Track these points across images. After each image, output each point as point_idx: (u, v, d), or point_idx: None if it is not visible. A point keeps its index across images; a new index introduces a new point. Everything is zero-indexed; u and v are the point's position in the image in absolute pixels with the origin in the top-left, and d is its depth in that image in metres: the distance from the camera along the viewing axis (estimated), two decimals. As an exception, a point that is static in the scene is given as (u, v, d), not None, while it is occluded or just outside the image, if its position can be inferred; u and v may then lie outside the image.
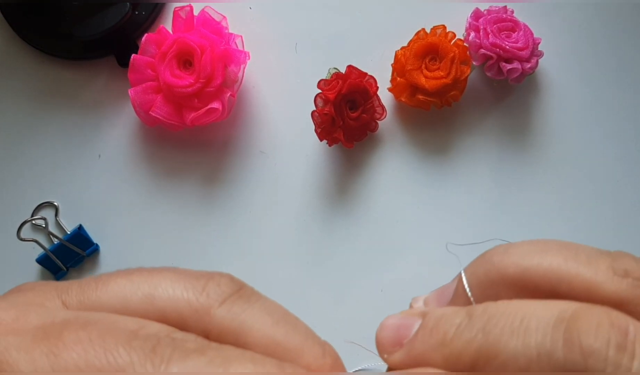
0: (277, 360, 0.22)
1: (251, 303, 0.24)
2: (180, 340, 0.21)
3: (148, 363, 0.20)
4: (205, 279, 0.23)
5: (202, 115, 0.42)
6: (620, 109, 0.46)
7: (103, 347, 0.21)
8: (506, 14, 0.44)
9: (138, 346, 0.21)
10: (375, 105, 0.44)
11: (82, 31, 0.44)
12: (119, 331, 0.21)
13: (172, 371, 0.20)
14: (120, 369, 0.20)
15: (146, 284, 0.23)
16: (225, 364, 0.21)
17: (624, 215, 0.45)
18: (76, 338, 0.21)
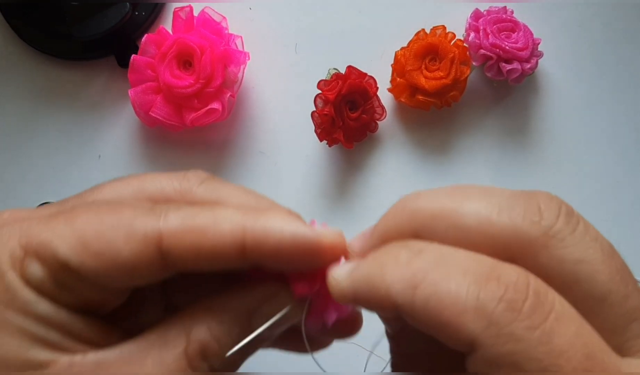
0: (256, 195, 0.27)
1: (225, 183, 0.28)
2: (173, 202, 0.26)
3: (150, 215, 0.24)
4: (184, 171, 0.28)
5: (202, 115, 0.42)
6: (619, 109, 0.46)
7: (111, 210, 0.25)
8: (506, 15, 0.45)
9: (139, 206, 0.25)
10: (375, 106, 0.44)
11: (81, 31, 0.44)
12: (121, 203, 0.25)
13: (170, 218, 0.24)
14: (128, 223, 0.24)
15: (135, 181, 0.27)
16: (211, 209, 0.25)
17: (624, 214, 0.45)
18: (87, 208, 0.25)
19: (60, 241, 0.24)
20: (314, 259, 0.25)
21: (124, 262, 0.24)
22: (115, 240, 0.24)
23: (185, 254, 0.24)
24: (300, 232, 0.25)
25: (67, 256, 0.24)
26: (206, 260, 0.25)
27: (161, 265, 0.24)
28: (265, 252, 0.24)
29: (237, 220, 0.25)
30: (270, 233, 0.24)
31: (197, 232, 0.24)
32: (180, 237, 0.24)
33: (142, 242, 0.24)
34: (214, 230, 0.24)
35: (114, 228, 0.24)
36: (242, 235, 0.24)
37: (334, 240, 0.25)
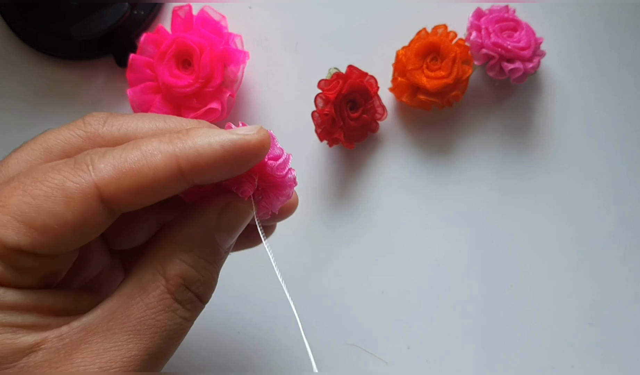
0: (171, 132, 0.27)
1: (126, 116, 0.29)
2: (90, 151, 0.26)
3: (79, 171, 0.25)
4: (81, 118, 0.29)
5: (201, 115, 0.42)
6: (622, 108, 0.46)
7: (36, 181, 0.25)
8: (508, 14, 0.44)
9: (62, 167, 0.25)
10: (376, 106, 0.43)
11: (80, 31, 0.44)
12: (40, 169, 0.25)
13: (100, 167, 0.25)
14: (61, 186, 0.24)
15: (38, 144, 0.28)
16: (136, 146, 0.25)
17: (627, 215, 0.45)
18: (11, 188, 0.25)
19: (3, 230, 0.24)
20: (247, 160, 0.26)
21: (72, 225, 0.24)
22: (56, 208, 0.24)
23: (127, 197, 0.25)
24: (227, 140, 0.26)
25: (16, 241, 0.24)
26: (148, 196, 0.25)
27: (106, 214, 0.25)
28: (202, 170, 0.25)
29: (166, 149, 0.25)
30: (201, 151, 0.25)
31: (131, 173, 0.25)
32: (117, 183, 0.25)
33: (82, 200, 0.24)
34: (147, 166, 0.25)
35: (48, 197, 0.24)
36: (176, 162, 0.25)
37: (260, 137, 0.26)
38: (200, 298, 0.27)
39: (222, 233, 0.28)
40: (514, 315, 0.43)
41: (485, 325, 0.43)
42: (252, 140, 0.26)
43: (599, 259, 0.44)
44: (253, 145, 0.26)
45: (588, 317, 0.43)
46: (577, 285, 0.44)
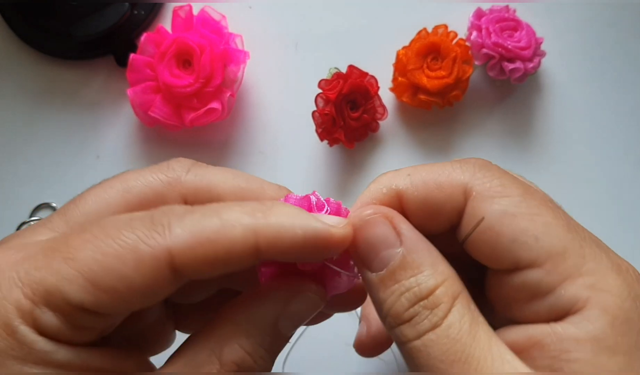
0: (254, 201, 0.26)
1: (210, 167, 0.28)
2: (169, 209, 0.25)
3: (153, 233, 0.23)
4: (166, 162, 0.28)
5: (202, 115, 0.42)
6: (623, 108, 0.46)
7: (109, 237, 0.23)
8: (508, 14, 0.44)
9: (138, 225, 0.24)
10: (376, 105, 0.43)
11: (80, 31, 0.44)
12: (115, 222, 0.24)
13: (176, 232, 0.23)
14: (133, 248, 0.23)
15: (119, 182, 0.27)
16: (216, 213, 0.24)
17: (628, 214, 0.45)
18: (82, 239, 0.24)
19: (68, 285, 0.23)
20: (326, 252, 0.25)
21: (138, 289, 0.23)
22: (125, 270, 0.23)
23: (199, 267, 0.24)
24: (311, 228, 0.24)
25: (80, 299, 0.23)
26: (219, 268, 0.24)
27: (175, 280, 0.24)
28: (279, 252, 0.24)
29: (247, 223, 0.24)
30: (282, 232, 0.24)
31: (207, 242, 0.23)
32: (192, 251, 0.23)
33: (153, 265, 0.23)
34: (224, 237, 0.23)
35: (119, 258, 0.23)
36: (254, 238, 0.24)
37: (344, 233, 0.25)
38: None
39: (287, 322, 0.26)
40: (514, 315, 0.43)
41: (485, 325, 0.43)
42: (335, 234, 0.25)
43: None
44: (335, 240, 0.25)
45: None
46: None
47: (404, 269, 0.25)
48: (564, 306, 0.24)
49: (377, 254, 0.25)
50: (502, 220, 0.25)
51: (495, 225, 0.25)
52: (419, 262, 0.25)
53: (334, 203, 0.28)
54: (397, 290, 0.25)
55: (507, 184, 0.26)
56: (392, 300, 0.25)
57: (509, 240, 0.25)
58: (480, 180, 0.26)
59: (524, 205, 0.25)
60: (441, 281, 0.25)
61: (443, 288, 0.24)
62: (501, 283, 0.26)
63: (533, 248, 0.24)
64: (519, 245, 0.25)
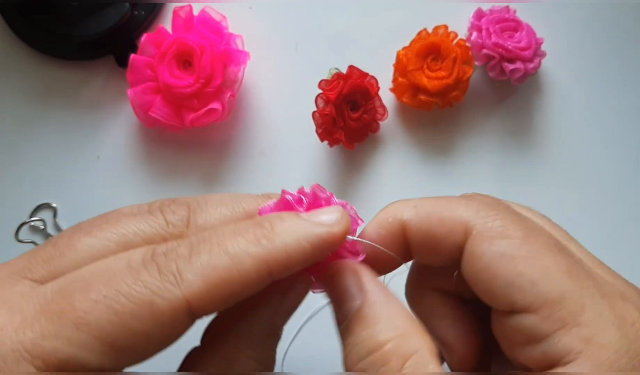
0: (250, 223, 0.25)
1: (206, 209, 0.27)
2: (171, 252, 0.24)
3: (166, 284, 0.22)
4: (159, 211, 0.26)
5: (202, 116, 0.42)
6: (623, 109, 0.46)
7: (119, 294, 0.22)
8: (508, 14, 0.44)
9: (146, 277, 0.23)
10: (376, 106, 0.43)
11: (80, 31, 0.44)
12: (117, 274, 0.23)
13: (189, 278, 0.22)
14: (149, 303, 0.22)
15: (113, 234, 0.25)
16: (221, 248, 0.24)
17: (627, 216, 0.45)
18: (91, 301, 0.22)
19: (86, 353, 0.22)
20: (331, 250, 0.25)
21: (156, 341, 0.23)
22: (143, 328, 0.22)
23: (216, 306, 0.23)
24: (315, 237, 0.24)
25: (99, 364, 0.22)
26: (235, 300, 0.24)
27: (191, 322, 0.23)
28: (291, 269, 0.24)
29: (255, 253, 0.24)
30: (291, 253, 0.24)
31: (222, 284, 0.23)
32: (209, 296, 0.23)
33: (172, 317, 0.22)
34: (237, 274, 0.23)
35: (135, 316, 0.22)
36: (267, 268, 0.24)
37: (344, 227, 0.26)
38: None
39: (282, 317, 0.27)
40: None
41: (486, 326, 0.43)
42: (337, 232, 0.25)
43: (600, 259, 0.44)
44: (338, 237, 0.25)
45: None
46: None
47: (359, 322, 0.25)
48: (556, 355, 0.23)
49: (341, 306, 0.26)
50: (499, 262, 0.25)
51: (492, 266, 0.25)
52: (375, 316, 0.25)
53: (309, 193, 0.27)
54: (352, 343, 0.25)
55: (510, 224, 0.26)
56: (346, 352, 0.25)
57: (504, 283, 0.24)
58: (482, 219, 0.26)
59: (525, 247, 0.25)
60: (392, 337, 0.24)
61: (393, 344, 0.24)
62: (501, 323, 0.25)
63: (528, 293, 0.24)
64: (514, 289, 0.24)
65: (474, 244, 0.25)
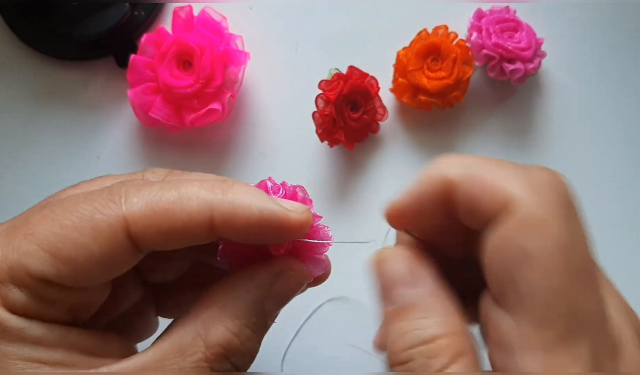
0: (216, 178, 0.26)
1: (186, 173, 0.28)
2: (128, 181, 0.25)
3: (110, 203, 0.24)
4: (141, 172, 0.28)
5: (202, 116, 0.42)
6: (623, 109, 0.46)
7: (67, 210, 0.24)
8: (508, 14, 0.44)
9: (95, 197, 0.24)
10: (376, 106, 0.43)
11: (80, 31, 0.44)
12: (73, 198, 0.25)
13: (132, 201, 0.24)
14: (89, 218, 0.23)
15: (94, 185, 0.27)
16: (175, 186, 0.24)
17: (629, 216, 0.45)
18: (41, 215, 0.24)
19: (29, 258, 0.23)
20: (281, 235, 0.25)
21: (98, 258, 0.23)
22: (82, 240, 0.23)
23: (155, 237, 0.24)
24: (267, 209, 0.24)
25: (41, 271, 0.23)
26: (176, 240, 0.24)
27: (134, 250, 0.24)
28: (234, 229, 0.24)
29: (204, 197, 0.24)
30: (238, 210, 0.24)
31: (162, 212, 0.24)
32: (147, 221, 0.24)
33: (110, 233, 0.23)
34: (181, 209, 0.24)
35: (76, 228, 0.23)
36: (209, 213, 0.24)
37: (302, 218, 0.25)
38: (237, 369, 0.26)
39: (272, 302, 0.26)
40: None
41: (486, 326, 0.43)
42: (292, 217, 0.25)
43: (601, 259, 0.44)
44: (292, 223, 0.25)
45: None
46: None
47: (414, 310, 0.24)
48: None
49: (392, 290, 0.25)
50: (519, 260, 0.22)
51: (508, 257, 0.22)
52: (431, 308, 0.24)
53: (290, 187, 0.28)
54: (401, 328, 0.24)
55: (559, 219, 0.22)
56: (394, 337, 0.24)
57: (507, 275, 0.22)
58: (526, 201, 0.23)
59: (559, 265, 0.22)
60: (447, 333, 0.23)
61: (447, 340, 0.23)
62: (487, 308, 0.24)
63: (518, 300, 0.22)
64: (508, 285, 0.22)
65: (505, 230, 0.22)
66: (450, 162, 0.25)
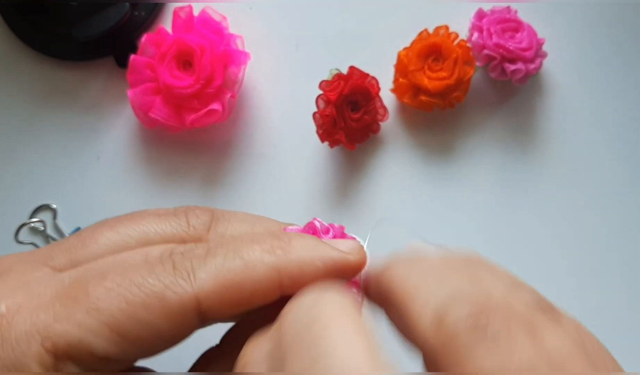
0: (270, 236, 0.26)
1: (229, 221, 0.28)
2: (188, 252, 0.25)
3: (179, 280, 0.23)
4: (184, 214, 0.27)
5: (202, 116, 0.42)
6: (625, 109, 0.45)
7: (133, 285, 0.23)
8: (510, 14, 0.44)
9: (160, 271, 0.23)
10: (377, 107, 0.43)
11: (80, 31, 0.44)
12: (134, 266, 0.24)
13: (201, 277, 0.23)
14: (160, 296, 0.22)
15: (135, 232, 0.26)
16: (237, 254, 0.24)
17: (630, 217, 0.44)
18: (104, 288, 0.23)
19: (94, 338, 0.22)
20: (343, 278, 0.25)
21: (166, 336, 0.23)
22: (152, 319, 0.23)
23: (225, 309, 0.24)
24: (329, 258, 0.25)
25: (106, 351, 0.22)
26: (244, 307, 0.24)
27: (199, 323, 0.24)
28: (302, 285, 0.24)
29: (269, 262, 0.24)
30: (304, 268, 0.24)
31: (232, 285, 0.23)
32: (218, 296, 0.23)
33: (181, 312, 0.23)
34: (249, 279, 0.24)
35: (145, 307, 0.23)
36: (278, 277, 0.24)
37: (360, 258, 0.26)
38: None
39: None
40: (516, 317, 0.43)
41: (487, 327, 0.43)
42: (352, 260, 0.25)
43: (601, 261, 0.44)
44: (352, 266, 0.26)
45: (589, 319, 0.43)
46: (579, 286, 0.44)
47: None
48: None
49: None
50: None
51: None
52: None
53: (337, 227, 0.29)
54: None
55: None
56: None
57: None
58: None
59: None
60: None
61: None
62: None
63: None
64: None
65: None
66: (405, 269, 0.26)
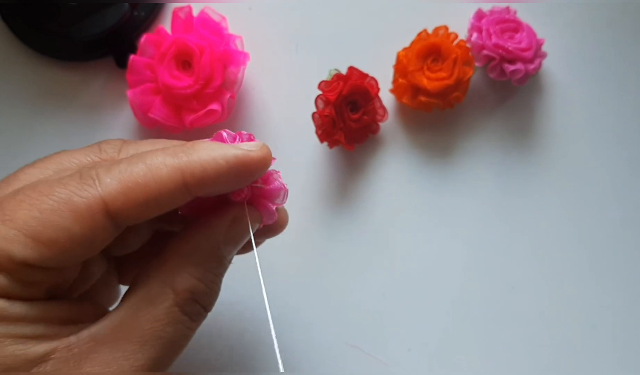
0: (176, 143, 0.28)
1: (139, 142, 0.30)
2: (95, 163, 0.27)
3: (84, 186, 0.25)
4: (97, 144, 0.30)
5: (202, 117, 0.42)
6: (624, 109, 0.45)
7: (43, 195, 0.25)
8: (509, 15, 0.44)
9: (68, 181, 0.25)
10: (376, 107, 0.43)
11: (80, 32, 0.44)
12: (46, 182, 0.25)
13: (106, 181, 0.25)
14: (67, 201, 0.25)
15: (53, 164, 0.28)
16: (141, 160, 0.26)
17: (630, 216, 0.44)
18: (17, 201, 0.25)
19: (10, 244, 0.24)
20: (249, 175, 0.27)
21: (80, 239, 0.25)
22: (63, 222, 0.24)
23: (133, 211, 0.25)
24: (231, 155, 0.26)
25: (23, 255, 0.24)
26: (153, 209, 0.26)
27: (113, 227, 0.25)
28: (207, 184, 0.26)
29: (172, 163, 0.26)
30: (206, 166, 0.26)
31: (137, 187, 0.25)
32: (124, 197, 0.25)
33: (90, 214, 0.25)
34: (153, 179, 0.25)
35: (55, 211, 0.24)
36: (181, 176, 0.26)
37: (263, 154, 0.27)
38: (205, 309, 0.28)
39: (229, 246, 0.28)
40: (515, 317, 0.43)
41: (486, 327, 0.43)
42: (255, 156, 0.27)
43: (602, 260, 0.44)
44: (256, 161, 0.27)
45: (591, 319, 0.43)
46: (579, 286, 0.44)
47: None
48: None
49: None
50: None
51: None
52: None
53: (245, 134, 0.29)
54: None
55: None
56: None
57: None
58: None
59: None
60: None
61: None
62: None
63: None
64: None
65: None
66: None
